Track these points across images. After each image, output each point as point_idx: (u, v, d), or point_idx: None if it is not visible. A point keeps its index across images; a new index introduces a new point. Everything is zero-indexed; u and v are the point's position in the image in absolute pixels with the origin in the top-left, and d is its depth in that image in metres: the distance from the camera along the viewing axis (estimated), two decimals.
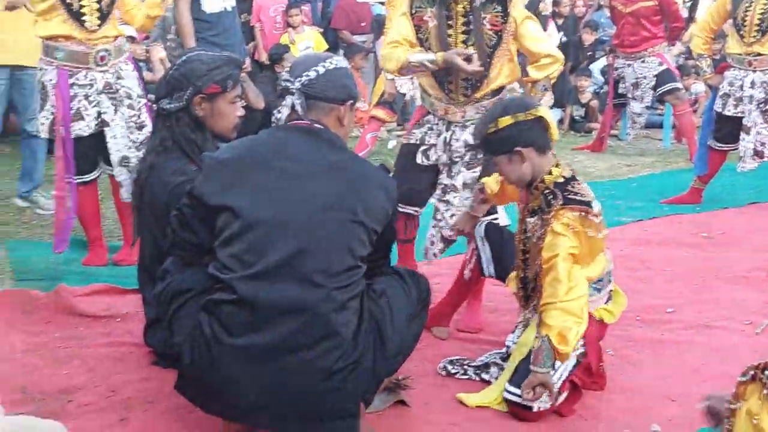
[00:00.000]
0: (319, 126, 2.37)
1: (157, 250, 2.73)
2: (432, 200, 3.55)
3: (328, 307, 2.18)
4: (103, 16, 3.94)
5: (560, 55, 3.36)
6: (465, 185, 3.37)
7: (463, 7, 3.24)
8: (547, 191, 2.71)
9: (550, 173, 2.74)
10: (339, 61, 2.46)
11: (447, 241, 3.49)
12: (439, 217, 3.46)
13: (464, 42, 3.26)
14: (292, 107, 2.39)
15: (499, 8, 3.27)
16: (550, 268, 2.64)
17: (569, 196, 2.68)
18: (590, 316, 2.78)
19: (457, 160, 3.40)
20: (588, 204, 2.69)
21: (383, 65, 3.41)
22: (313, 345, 2.17)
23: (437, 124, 3.45)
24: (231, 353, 2.18)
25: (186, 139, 2.88)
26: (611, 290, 2.90)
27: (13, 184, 5.58)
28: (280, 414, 2.21)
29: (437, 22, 3.26)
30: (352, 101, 2.46)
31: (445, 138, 3.42)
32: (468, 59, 3.19)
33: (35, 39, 4.01)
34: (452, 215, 3.38)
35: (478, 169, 3.38)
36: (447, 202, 3.42)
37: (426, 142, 3.47)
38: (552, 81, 3.38)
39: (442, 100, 3.39)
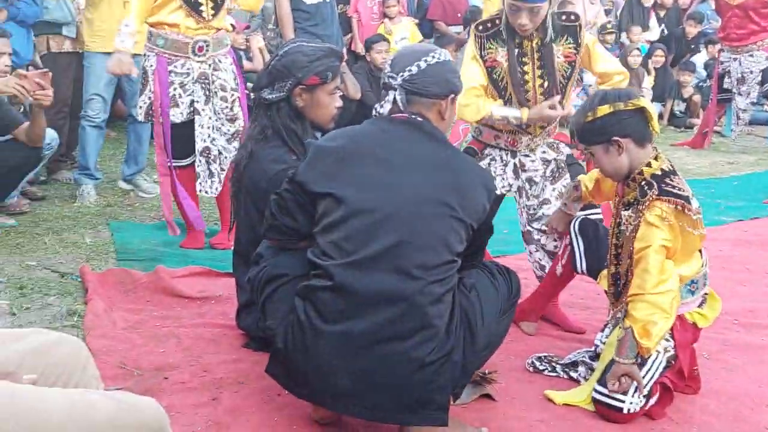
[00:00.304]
0: (420, 119, 2.38)
1: (254, 235, 2.79)
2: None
3: (424, 299, 2.19)
4: (217, 6, 4.06)
5: (626, 71, 3.41)
6: (560, 195, 3.31)
7: (537, 43, 3.21)
8: (644, 182, 2.65)
9: (648, 165, 2.67)
10: (441, 54, 2.43)
11: (554, 256, 3.37)
12: (536, 237, 3.38)
13: (541, 77, 3.23)
14: (394, 101, 2.39)
15: (571, 39, 3.26)
16: (641, 259, 2.58)
17: (665, 188, 2.60)
18: (683, 319, 2.71)
19: (537, 179, 3.36)
20: (685, 199, 2.60)
21: (460, 113, 3.38)
22: (408, 336, 2.18)
23: (501, 154, 3.40)
24: (326, 340, 2.21)
25: (286, 128, 2.93)
26: (706, 294, 2.81)
27: (118, 168, 5.82)
28: (371, 403, 2.23)
29: (509, 62, 3.21)
30: (453, 95, 2.44)
31: (515, 164, 3.38)
32: (554, 107, 3.19)
33: (144, 27, 4.15)
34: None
35: (567, 176, 3.34)
36: (540, 218, 3.35)
37: (492, 173, 3.41)
38: None
39: (514, 133, 3.34)
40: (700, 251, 2.75)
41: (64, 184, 5.60)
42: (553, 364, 2.94)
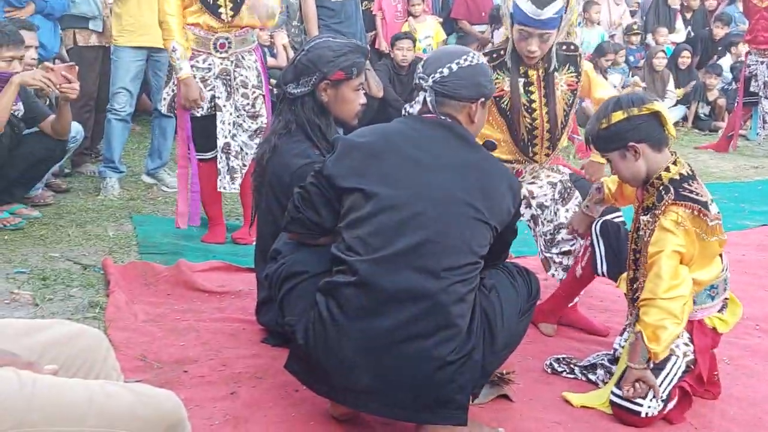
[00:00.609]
0: (450, 120, 2.37)
1: (275, 229, 2.78)
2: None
3: (448, 298, 2.19)
4: (237, 6, 4.04)
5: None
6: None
7: (541, 72, 3.24)
8: (662, 187, 2.64)
9: (667, 170, 2.65)
10: (475, 57, 2.42)
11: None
12: (558, 260, 3.39)
13: (546, 104, 3.26)
14: (424, 102, 2.39)
15: (572, 68, 3.31)
16: (653, 263, 2.57)
17: (683, 193, 2.59)
18: (703, 323, 2.70)
19: (548, 203, 3.37)
20: (703, 204, 2.58)
21: None
22: (430, 334, 2.18)
23: None
24: (348, 336, 2.21)
25: (310, 123, 2.94)
26: (726, 299, 2.79)
27: (142, 162, 5.86)
28: (391, 401, 2.23)
29: (512, 91, 3.23)
30: (483, 99, 2.43)
31: (523, 195, 3.38)
32: None
33: (172, 22, 4.12)
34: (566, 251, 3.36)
35: (576, 194, 3.36)
36: (558, 244, 3.36)
37: None
38: None
39: (521, 162, 3.35)
40: (720, 256, 2.73)
41: (88, 177, 5.64)
42: (572, 366, 2.93)
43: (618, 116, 2.64)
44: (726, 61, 9.89)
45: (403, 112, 2.43)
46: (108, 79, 5.39)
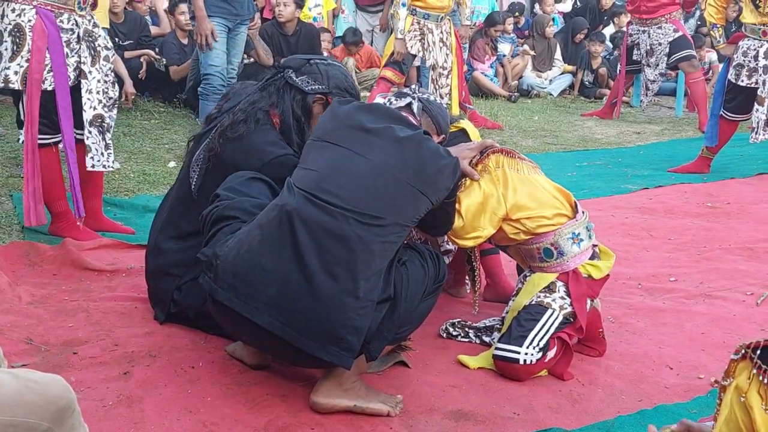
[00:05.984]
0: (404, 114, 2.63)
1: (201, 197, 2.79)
2: None
3: (374, 247, 2.30)
4: None
5: None
6: None
7: None
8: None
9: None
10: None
11: None
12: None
13: None
14: (408, 106, 2.73)
15: None
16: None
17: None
18: (577, 273, 2.82)
19: None
20: (509, 150, 2.85)
21: None
22: (345, 268, 2.26)
23: None
24: (267, 245, 2.31)
25: (295, 114, 2.89)
26: (595, 245, 2.91)
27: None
28: (287, 318, 2.26)
29: None
30: (444, 137, 2.81)
31: None
32: None
33: None
34: None
35: None
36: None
37: None
38: None
39: None
40: (574, 206, 2.85)
41: None
42: (467, 329, 3.00)
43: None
44: (608, 31, 10.23)
45: (385, 100, 2.71)
46: None
